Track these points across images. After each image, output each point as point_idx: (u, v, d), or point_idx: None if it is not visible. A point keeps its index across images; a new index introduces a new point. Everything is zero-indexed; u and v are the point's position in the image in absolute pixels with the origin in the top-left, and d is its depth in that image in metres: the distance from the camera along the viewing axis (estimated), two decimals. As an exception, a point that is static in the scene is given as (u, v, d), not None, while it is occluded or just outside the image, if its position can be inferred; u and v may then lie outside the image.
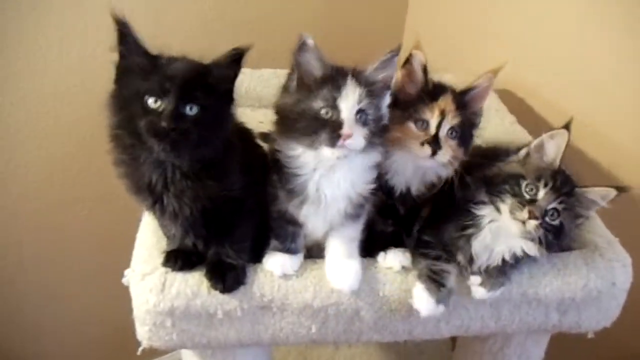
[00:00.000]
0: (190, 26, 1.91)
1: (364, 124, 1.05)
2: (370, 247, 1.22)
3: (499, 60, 1.88)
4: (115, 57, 1.01)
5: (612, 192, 1.11)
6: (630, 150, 1.54)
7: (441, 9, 2.26)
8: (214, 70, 1.03)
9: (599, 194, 1.12)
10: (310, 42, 1.03)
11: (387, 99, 1.11)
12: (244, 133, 1.18)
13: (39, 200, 1.86)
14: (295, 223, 1.16)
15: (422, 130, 1.17)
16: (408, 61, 1.20)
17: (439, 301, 1.13)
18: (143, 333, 1.16)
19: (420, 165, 1.19)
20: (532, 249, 1.13)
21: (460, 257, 1.18)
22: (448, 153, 1.15)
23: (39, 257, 1.96)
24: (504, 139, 1.56)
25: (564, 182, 1.11)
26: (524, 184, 1.12)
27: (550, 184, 1.10)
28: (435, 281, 1.15)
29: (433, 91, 1.19)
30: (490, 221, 1.15)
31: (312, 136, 1.03)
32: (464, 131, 1.19)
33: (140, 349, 1.21)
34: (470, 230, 1.17)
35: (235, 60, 1.03)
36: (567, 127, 1.13)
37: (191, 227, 1.13)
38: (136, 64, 0.98)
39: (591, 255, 1.23)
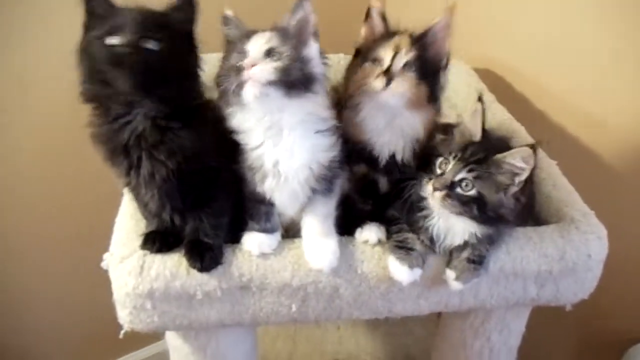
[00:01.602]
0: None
1: (277, 60, 1.04)
2: (348, 225, 1.23)
3: (480, 39, 1.92)
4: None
5: (527, 151, 1.07)
6: (613, 126, 1.55)
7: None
8: (170, 12, 1.08)
9: (517, 155, 1.09)
10: (228, 13, 1.12)
11: (311, 44, 1.10)
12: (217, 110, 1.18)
13: (17, 190, 1.86)
14: (266, 202, 1.17)
15: (378, 66, 1.18)
16: (368, 14, 1.24)
17: (412, 266, 1.15)
18: (124, 316, 1.17)
19: (384, 107, 1.19)
20: (474, 227, 1.14)
21: (422, 237, 1.19)
22: (404, 84, 1.16)
23: (19, 248, 1.96)
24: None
25: (475, 152, 1.12)
26: (437, 161, 1.15)
27: (458, 155, 1.12)
28: (402, 248, 1.17)
29: (390, 35, 1.22)
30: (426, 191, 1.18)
31: (230, 86, 1.04)
32: (425, 68, 1.18)
33: (122, 332, 1.22)
34: (425, 212, 1.19)
35: (188, 2, 1.08)
36: (479, 100, 1.16)
37: (167, 196, 1.13)
38: (99, 15, 1.04)
39: (567, 228, 1.23)
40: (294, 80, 1.04)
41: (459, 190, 1.11)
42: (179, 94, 1.07)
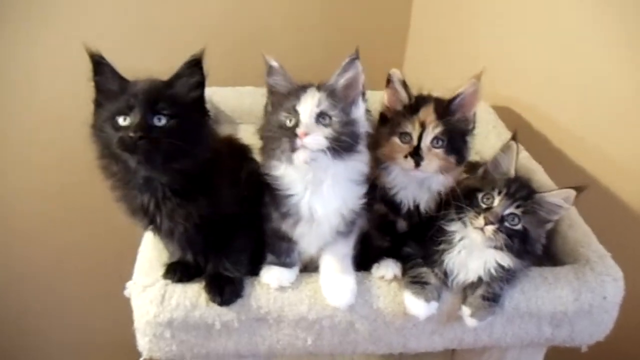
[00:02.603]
0: (191, 43, 1.95)
1: (327, 125, 1.06)
2: (365, 260, 1.25)
3: (498, 77, 1.95)
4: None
5: (572, 193, 1.14)
6: (628, 163, 1.55)
7: (441, 23, 2.29)
8: (176, 81, 1.07)
9: (560, 196, 1.15)
10: (274, 64, 1.10)
11: (359, 104, 1.12)
12: (239, 149, 1.22)
13: (43, 214, 1.90)
14: (289, 240, 1.19)
15: (405, 143, 1.20)
16: (389, 81, 1.24)
17: (428, 299, 1.16)
18: (144, 344, 1.20)
19: (417, 177, 1.22)
20: (504, 259, 1.16)
21: (437, 272, 1.21)
22: (433, 162, 1.19)
23: (44, 278, 2.00)
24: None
25: (518, 188, 1.16)
26: (480, 195, 1.18)
27: (504, 191, 1.16)
28: (417, 283, 1.19)
29: (416, 104, 1.23)
30: (462, 238, 1.19)
31: (279, 146, 1.06)
32: (452, 139, 1.21)
33: (141, 359, 1.24)
34: (442, 246, 1.21)
35: (194, 66, 1.07)
36: (514, 138, 1.20)
37: (187, 244, 1.17)
38: (109, 91, 1.04)
39: (582, 269, 1.24)
40: (345, 144, 1.07)
41: (506, 224, 1.14)
42: (194, 162, 1.07)
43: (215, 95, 1.83)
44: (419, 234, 1.27)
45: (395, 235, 1.30)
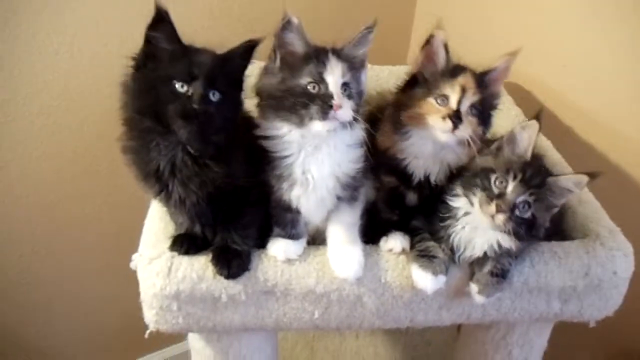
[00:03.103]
0: (198, 22, 1.92)
1: (349, 97, 1.08)
2: (373, 234, 1.24)
3: (507, 48, 1.92)
4: (131, 47, 1.05)
5: (584, 178, 1.11)
6: (638, 143, 1.54)
7: (448, 3, 2.27)
8: (231, 59, 1.09)
9: (572, 181, 1.12)
10: (294, 20, 1.06)
11: (365, 74, 1.14)
12: (249, 122, 1.20)
13: (50, 193, 1.90)
14: (292, 210, 1.18)
15: (443, 105, 1.18)
16: (428, 42, 1.22)
17: (435, 272, 1.15)
18: (150, 316, 1.19)
19: (440, 143, 1.20)
20: (506, 241, 1.14)
21: (444, 247, 1.20)
22: (469, 128, 1.17)
23: (50, 249, 2.00)
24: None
25: (534, 174, 1.11)
26: (493, 177, 1.13)
27: (519, 177, 1.11)
28: (425, 256, 1.18)
29: (453, 70, 1.21)
30: (465, 213, 1.18)
31: (302, 112, 1.05)
32: (484, 110, 1.21)
33: (147, 332, 1.24)
34: (448, 222, 1.19)
35: (248, 50, 1.09)
36: (537, 117, 1.15)
37: (197, 216, 1.16)
38: (167, 51, 1.03)
39: (592, 244, 1.23)
40: (356, 113, 1.08)
41: (517, 212, 1.10)
42: (227, 136, 1.09)
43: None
44: (427, 208, 1.25)
45: (404, 209, 1.29)
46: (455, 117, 1.15)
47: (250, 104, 1.17)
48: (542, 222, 1.13)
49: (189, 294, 1.14)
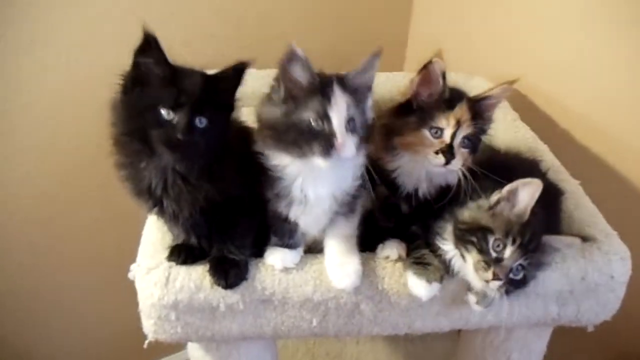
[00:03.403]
0: (193, 31, 1.93)
1: (353, 131, 1.04)
2: (370, 241, 1.24)
3: (504, 57, 1.93)
4: (119, 68, 1.04)
5: (577, 241, 1.09)
6: (636, 144, 1.54)
7: (444, 10, 2.27)
8: (220, 82, 1.07)
9: (564, 243, 1.10)
10: (299, 52, 1.01)
11: (369, 101, 1.11)
12: (244, 132, 1.21)
13: (48, 205, 1.91)
14: (289, 221, 1.18)
15: (436, 138, 1.18)
16: (426, 67, 1.19)
17: (429, 280, 1.14)
18: (149, 326, 1.20)
19: (430, 170, 1.21)
20: (492, 292, 1.12)
21: (439, 258, 1.19)
22: (460, 161, 1.17)
23: (47, 257, 2.01)
24: (507, 138, 1.59)
25: (532, 238, 1.07)
26: (491, 240, 1.08)
27: (518, 241, 1.06)
28: (419, 264, 1.17)
29: (450, 99, 1.19)
30: (453, 259, 1.16)
31: (304, 147, 1.02)
32: (476, 139, 1.21)
33: (146, 342, 1.24)
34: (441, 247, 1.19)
35: (238, 72, 1.07)
36: (544, 176, 1.14)
37: (192, 228, 1.17)
38: (155, 75, 1.01)
39: (589, 248, 1.23)
40: (360, 145, 1.06)
41: (511, 275, 1.08)
42: (215, 158, 1.09)
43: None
44: (422, 216, 1.26)
45: (399, 217, 1.29)
46: (449, 153, 1.16)
47: (245, 111, 1.18)
48: (530, 280, 1.12)
49: (187, 304, 1.15)
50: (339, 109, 1.02)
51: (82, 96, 1.77)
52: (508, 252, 1.07)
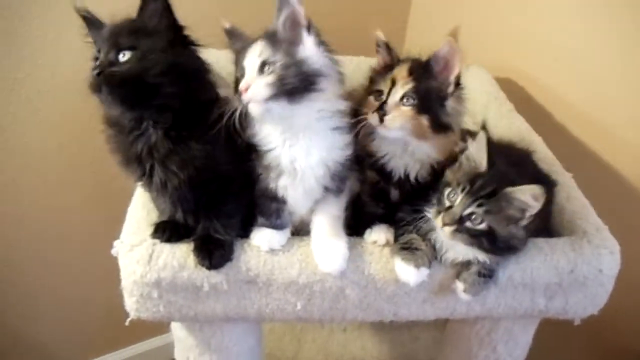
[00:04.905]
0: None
1: (270, 73, 1.02)
2: (357, 226, 1.23)
3: (502, 48, 1.91)
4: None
5: (538, 189, 1.05)
6: (630, 139, 1.53)
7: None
8: (142, 13, 1.05)
9: (527, 193, 1.06)
10: (227, 26, 1.13)
11: (305, 41, 1.06)
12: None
13: (34, 185, 1.90)
14: (277, 200, 1.17)
15: (377, 100, 1.19)
16: (377, 45, 1.25)
17: (417, 265, 1.14)
18: (131, 304, 1.18)
19: (388, 139, 1.21)
20: (479, 254, 1.13)
21: (427, 242, 1.18)
22: (398, 119, 1.16)
23: (35, 239, 1.99)
24: (502, 129, 1.57)
25: (483, 185, 1.08)
26: (447, 191, 1.13)
27: (466, 189, 1.09)
28: (407, 249, 1.16)
29: (395, 65, 1.22)
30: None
31: (237, 106, 1.04)
32: (426, 99, 1.17)
33: (128, 320, 1.23)
34: (426, 225, 1.18)
35: None
36: (484, 128, 1.13)
37: (180, 201, 1.14)
38: (95, 38, 1.05)
39: (579, 241, 1.22)
40: (293, 87, 1.02)
41: (468, 224, 1.09)
42: (179, 98, 1.05)
43: (213, 58, 1.79)
44: (412, 201, 1.24)
45: (388, 203, 1.28)
46: (381, 109, 1.16)
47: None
48: (506, 235, 1.09)
49: (170, 282, 1.13)
50: (250, 56, 1.05)
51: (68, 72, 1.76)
52: (458, 199, 1.10)
